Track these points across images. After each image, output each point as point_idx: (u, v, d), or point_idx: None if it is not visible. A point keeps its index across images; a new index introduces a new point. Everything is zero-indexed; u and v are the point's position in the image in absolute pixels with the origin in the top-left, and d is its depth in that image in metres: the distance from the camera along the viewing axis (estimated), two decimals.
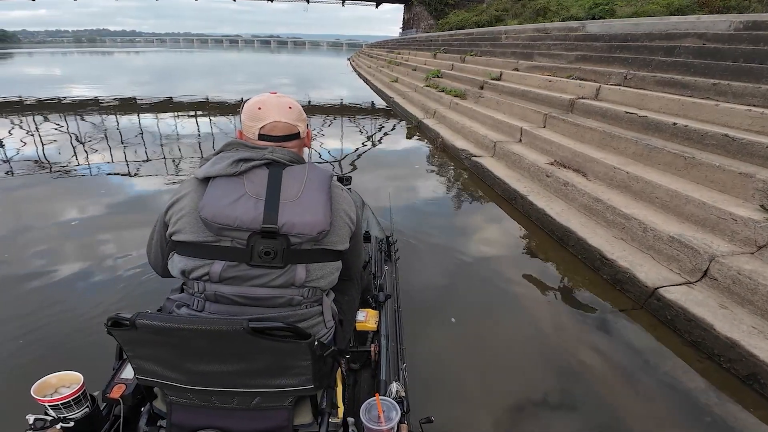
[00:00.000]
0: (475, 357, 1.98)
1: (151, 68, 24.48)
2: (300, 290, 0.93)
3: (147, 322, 0.76)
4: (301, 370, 0.84)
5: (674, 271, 2.40)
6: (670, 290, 2.23)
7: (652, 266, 2.46)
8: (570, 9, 10.96)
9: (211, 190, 0.89)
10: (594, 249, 2.69)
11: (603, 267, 2.61)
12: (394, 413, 0.95)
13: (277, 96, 1.04)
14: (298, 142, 1.05)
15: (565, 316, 2.28)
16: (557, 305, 2.38)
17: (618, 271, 2.49)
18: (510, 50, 7.92)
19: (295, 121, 1.03)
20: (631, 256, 2.57)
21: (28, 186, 4.06)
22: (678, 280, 2.31)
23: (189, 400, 0.89)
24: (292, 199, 0.90)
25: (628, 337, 2.11)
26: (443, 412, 1.58)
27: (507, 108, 5.66)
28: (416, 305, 2.24)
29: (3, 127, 6.63)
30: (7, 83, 14.27)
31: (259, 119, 0.99)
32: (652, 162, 3.27)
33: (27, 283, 2.41)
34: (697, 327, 2.02)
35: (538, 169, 3.86)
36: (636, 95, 4.16)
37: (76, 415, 0.97)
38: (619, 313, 2.29)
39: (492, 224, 3.49)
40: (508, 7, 17.39)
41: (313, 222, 0.89)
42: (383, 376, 1.27)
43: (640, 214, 2.78)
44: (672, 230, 2.52)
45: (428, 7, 26.10)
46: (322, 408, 0.96)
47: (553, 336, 2.12)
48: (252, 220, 0.86)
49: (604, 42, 5.83)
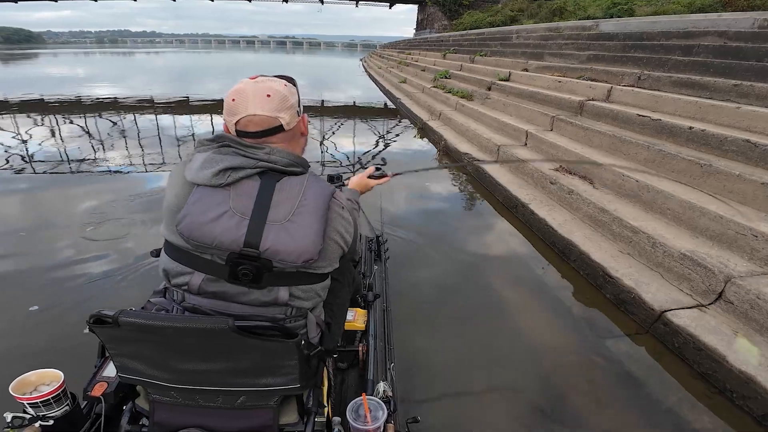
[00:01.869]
0: (464, 361, 1.91)
1: (170, 69, 25.05)
2: (283, 308, 0.87)
3: (130, 320, 0.74)
4: (287, 369, 0.81)
5: (685, 292, 2.18)
6: (679, 314, 2.01)
7: (661, 286, 2.24)
8: (587, 9, 10.63)
9: (193, 198, 0.81)
10: (597, 265, 2.48)
11: (606, 285, 2.39)
12: (381, 413, 0.94)
13: (255, 82, 0.88)
14: (285, 135, 0.90)
15: (561, 336, 2.09)
16: (552, 325, 2.18)
17: (622, 290, 2.27)
18: (520, 50, 7.67)
19: (275, 112, 0.87)
20: (638, 273, 2.35)
21: (48, 183, 4.16)
22: (688, 303, 2.09)
23: (172, 399, 0.86)
24: (281, 221, 0.80)
25: (630, 364, 1.90)
26: (430, 412, 1.57)
27: (514, 110, 5.43)
28: (405, 306, 2.18)
29: (26, 126, 6.83)
30: (33, 82, 14.75)
31: (233, 113, 0.87)
32: (664, 169, 3.03)
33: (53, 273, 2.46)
34: (708, 357, 1.80)
35: (542, 176, 3.65)
36: (650, 97, 3.90)
37: (56, 413, 0.95)
38: (622, 338, 2.08)
39: (489, 233, 3.29)
40: (524, 8, 17.08)
41: (299, 251, 0.80)
42: (371, 375, 1.27)
43: (650, 227, 2.55)
44: (684, 246, 2.29)
45: (442, 8, 25.84)
46: (308, 407, 0.94)
47: (547, 357, 1.94)
48: (232, 241, 0.79)
49: (619, 41, 5.55)
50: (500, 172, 4.21)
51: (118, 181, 4.26)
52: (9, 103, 9.47)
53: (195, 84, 15.19)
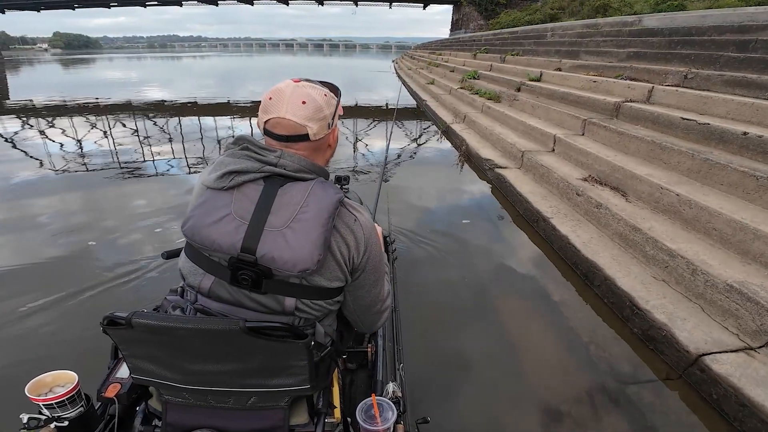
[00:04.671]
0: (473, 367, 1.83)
1: (214, 72, 26.21)
2: (290, 318, 0.85)
3: (143, 321, 0.75)
4: (297, 370, 0.82)
5: (730, 330, 1.83)
6: (721, 359, 1.68)
7: (700, 322, 1.89)
8: (633, 6, 9.90)
9: (200, 200, 0.83)
10: (624, 293, 2.15)
11: (633, 318, 2.07)
12: (390, 413, 0.93)
13: (296, 85, 0.86)
14: (309, 144, 0.88)
15: (574, 380, 1.79)
16: (565, 365, 1.88)
17: (652, 325, 1.94)
18: (554, 48, 7.21)
19: (306, 120, 0.84)
20: (673, 306, 2.01)
21: (99, 181, 4.37)
22: (733, 345, 1.75)
23: (184, 400, 0.87)
24: (279, 227, 0.79)
25: (655, 418, 1.59)
26: (440, 413, 1.55)
27: (542, 112, 5.06)
28: (413, 308, 2.14)
29: (82, 127, 7.23)
30: (92, 86, 15.98)
31: (266, 111, 0.86)
32: (711, 181, 2.63)
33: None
34: (754, 416, 1.47)
35: (568, 186, 3.30)
36: (697, 98, 3.46)
37: (70, 414, 0.96)
38: (648, 384, 1.76)
39: (503, 249, 2.97)
40: (565, 5, 16.27)
41: (295, 259, 0.77)
42: (380, 376, 1.26)
43: (690, 250, 2.19)
44: (732, 275, 1.94)
45: (478, 8, 25.19)
46: (318, 408, 0.94)
47: (554, 404, 1.66)
48: (230, 245, 0.79)
49: (663, 37, 5.04)
50: (522, 179, 3.89)
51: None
52: (67, 107, 10.16)
53: (238, 87, 15.71)
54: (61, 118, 8.27)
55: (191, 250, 0.87)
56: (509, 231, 3.28)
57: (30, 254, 2.78)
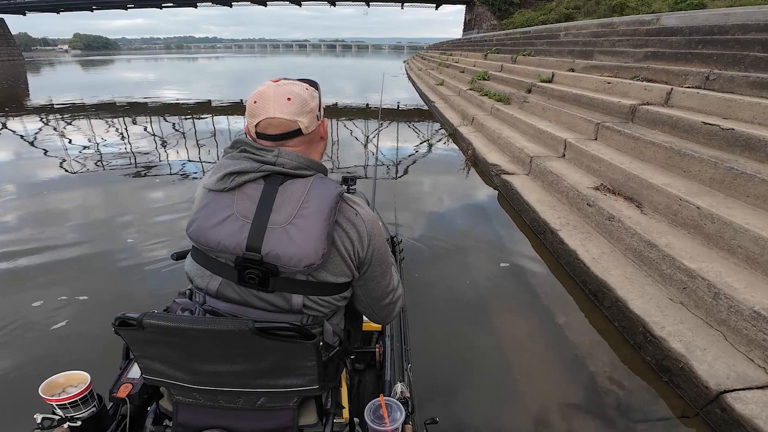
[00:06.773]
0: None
1: (228, 73, 26.68)
2: (298, 316, 0.86)
3: (154, 322, 0.76)
4: (306, 370, 0.83)
5: (756, 363, 1.63)
6: (745, 397, 1.50)
7: (722, 353, 1.70)
8: (651, 5, 9.57)
9: (203, 203, 0.84)
10: (636, 317, 1.96)
11: (647, 345, 1.88)
12: (398, 414, 0.94)
13: (277, 85, 0.87)
14: (303, 138, 0.89)
15: (576, 417, 1.61)
16: (567, 397, 1.70)
17: (667, 355, 1.75)
18: (567, 48, 6.96)
19: (295, 115, 0.86)
20: (691, 333, 1.81)
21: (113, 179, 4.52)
22: (759, 381, 1.56)
23: (195, 400, 0.88)
24: (281, 224, 0.79)
25: None
26: (448, 413, 1.55)
27: (553, 115, 4.85)
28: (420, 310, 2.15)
29: (99, 127, 7.43)
30: (110, 86, 16.41)
31: (254, 115, 0.87)
32: (737, 193, 2.41)
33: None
34: None
35: (578, 195, 3.11)
36: (720, 101, 3.23)
37: (83, 414, 0.98)
38: (661, 422, 1.58)
39: (505, 263, 2.78)
40: (580, 4, 15.90)
41: (299, 254, 0.78)
42: (388, 376, 1.27)
43: (712, 270, 1.99)
44: (759, 300, 1.74)
45: (491, 8, 24.85)
46: (327, 408, 0.94)
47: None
48: (235, 245, 0.80)
49: (683, 36, 4.78)
50: (530, 187, 3.70)
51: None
52: (85, 105, 10.39)
53: (251, 87, 15.90)
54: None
55: (197, 253, 0.88)
56: (513, 242, 3.09)
57: (48, 252, 2.84)
